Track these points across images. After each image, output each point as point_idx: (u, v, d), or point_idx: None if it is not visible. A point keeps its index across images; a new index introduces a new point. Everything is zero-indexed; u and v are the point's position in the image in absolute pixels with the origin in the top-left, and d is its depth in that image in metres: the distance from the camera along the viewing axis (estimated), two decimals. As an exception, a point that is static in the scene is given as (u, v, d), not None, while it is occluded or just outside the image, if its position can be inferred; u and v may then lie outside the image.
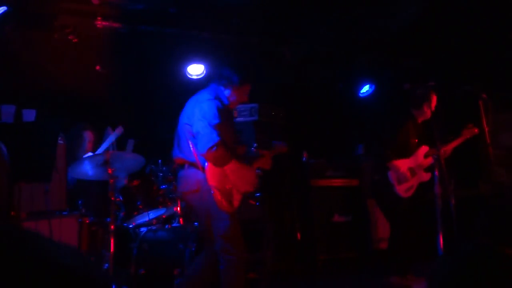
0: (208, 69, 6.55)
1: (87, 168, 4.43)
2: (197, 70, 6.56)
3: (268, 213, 5.97)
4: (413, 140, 5.38)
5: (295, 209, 6.69)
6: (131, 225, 4.98)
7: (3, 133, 3.66)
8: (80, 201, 4.65)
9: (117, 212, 4.86)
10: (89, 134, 5.38)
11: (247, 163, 4.14)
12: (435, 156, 4.97)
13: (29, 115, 4.12)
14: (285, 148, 4.45)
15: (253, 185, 4.13)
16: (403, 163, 5.30)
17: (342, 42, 6.93)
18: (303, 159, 6.93)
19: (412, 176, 5.32)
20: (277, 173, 4.30)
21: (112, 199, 4.33)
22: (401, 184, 5.27)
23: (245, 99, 4.21)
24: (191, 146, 3.88)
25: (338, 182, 6.97)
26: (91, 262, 1.12)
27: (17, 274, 0.97)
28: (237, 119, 5.57)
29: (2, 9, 5.04)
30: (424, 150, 5.39)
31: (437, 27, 6.27)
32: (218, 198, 3.80)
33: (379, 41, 6.73)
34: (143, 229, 4.84)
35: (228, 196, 3.88)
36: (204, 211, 3.97)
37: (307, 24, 6.49)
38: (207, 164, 3.82)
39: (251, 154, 4.25)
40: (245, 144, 4.37)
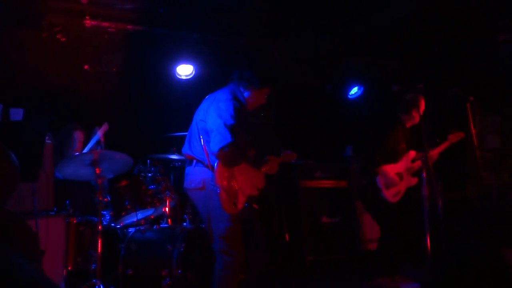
0: (197, 69, 6.54)
1: (75, 168, 4.41)
2: (186, 71, 6.54)
3: (257, 214, 5.97)
4: (401, 145, 5.41)
5: (283, 210, 6.71)
6: (119, 226, 4.95)
7: (-10, 132, 3.63)
8: (67, 201, 4.62)
9: (105, 212, 4.84)
10: (79, 134, 5.36)
11: (255, 166, 4.16)
12: (423, 158, 5.00)
13: (17, 114, 4.08)
14: (293, 157, 4.45)
15: (258, 189, 4.15)
16: (391, 168, 5.32)
17: (331, 44, 6.94)
18: (292, 160, 6.94)
19: (400, 181, 5.34)
20: (265, 175, 4.30)
21: (100, 199, 4.32)
22: (389, 189, 5.29)
23: (263, 101, 4.21)
24: (202, 143, 3.88)
25: (327, 184, 6.99)
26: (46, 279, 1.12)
27: None
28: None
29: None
30: (411, 155, 5.42)
31: (425, 29, 6.31)
32: (224, 198, 3.80)
33: (367, 43, 6.76)
34: (131, 230, 4.81)
35: (234, 197, 3.89)
36: (206, 210, 3.97)
37: (296, 26, 6.50)
38: (217, 163, 3.81)
39: (259, 158, 4.25)
40: (255, 147, 4.35)
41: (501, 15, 6.10)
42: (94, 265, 4.26)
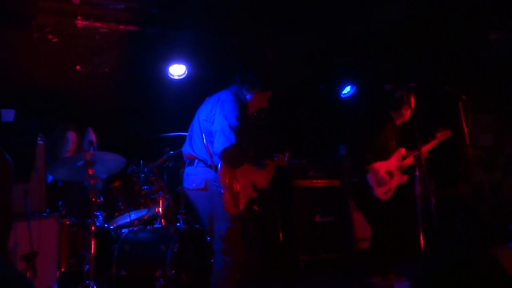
0: (189, 69, 6.53)
1: (68, 169, 4.39)
2: (178, 71, 6.53)
3: (251, 213, 5.97)
4: (391, 143, 5.44)
5: (277, 210, 6.70)
6: (112, 226, 4.94)
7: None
8: (60, 202, 4.60)
9: (98, 213, 4.82)
10: (72, 134, 5.34)
11: (259, 167, 4.17)
12: (416, 157, 5.02)
13: (8, 115, 4.06)
14: (285, 161, 4.46)
15: (257, 190, 4.15)
16: (382, 165, 5.34)
17: (323, 43, 6.95)
18: (285, 159, 6.93)
19: (390, 179, 5.37)
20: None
21: (93, 200, 4.30)
22: (379, 187, 5.31)
23: (264, 104, 4.21)
24: (205, 143, 3.88)
25: (320, 183, 6.99)
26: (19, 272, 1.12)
27: None
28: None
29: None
30: (402, 152, 5.45)
31: (417, 28, 6.33)
32: (227, 199, 3.80)
33: (360, 42, 6.77)
34: (125, 230, 4.80)
35: (236, 198, 3.88)
36: (207, 210, 3.96)
37: (289, 25, 6.50)
38: (220, 164, 3.81)
39: (257, 162, 4.26)
40: (255, 149, 4.35)
41: (492, 14, 6.13)
42: (88, 266, 4.24)
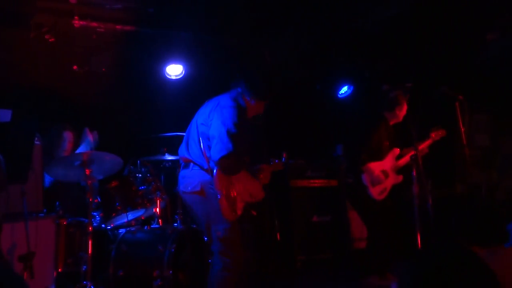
0: (186, 69, 6.53)
1: (65, 169, 4.38)
2: (175, 71, 6.52)
3: (247, 213, 5.97)
4: (385, 143, 5.46)
5: (274, 210, 6.70)
6: (109, 227, 4.93)
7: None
8: (57, 203, 4.59)
9: (95, 214, 4.82)
10: (69, 134, 5.33)
11: (253, 175, 4.16)
12: (413, 156, 5.04)
13: (5, 115, 4.04)
14: (281, 166, 4.45)
15: (255, 196, 4.14)
16: (377, 165, 5.37)
17: (320, 43, 6.96)
18: (283, 159, 6.93)
19: (385, 178, 5.38)
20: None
21: (90, 200, 4.30)
22: (374, 187, 5.33)
23: (261, 111, 4.20)
24: (202, 147, 3.88)
25: (317, 183, 6.99)
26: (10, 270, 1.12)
27: None
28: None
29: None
30: (396, 152, 5.47)
31: (414, 28, 6.33)
32: (224, 205, 3.80)
33: (357, 42, 6.78)
34: (122, 231, 4.79)
35: (233, 204, 3.88)
36: (205, 213, 3.96)
37: (286, 25, 6.50)
38: (216, 169, 3.80)
39: (253, 167, 4.25)
40: (250, 155, 4.34)
41: (489, 14, 6.14)
42: (85, 266, 4.24)
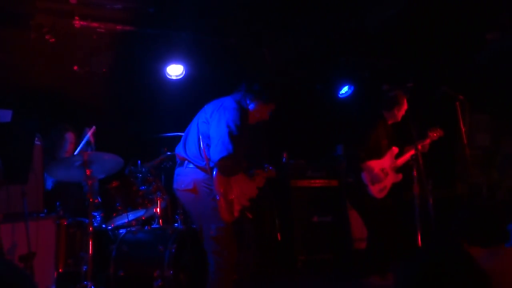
0: (187, 69, 6.52)
1: (65, 169, 4.38)
2: (176, 71, 6.52)
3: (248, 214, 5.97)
4: (383, 142, 5.47)
5: (275, 210, 6.70)
6: (110, 227, 4.93)
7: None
8: (58, 203, 4.59)
9: (95, 214, 4.82)
10: (70, 135, 5.33)
11: (249, 177, 4.17)
12: (414, 156, 5.04)
13: (5, 115, 4.04)
14: (274, 174, 4.45)
15: (251, 199, 4.15)
16: (376, 164, 5.37)
17: (321, 43, 6.95)
18: (283, 159, 6.95)
19: (385, 177, 5.39)
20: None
21: (91, 200, 4.29)
22: (374, 185, 5.33)
23: (266, 117, 4.19)
24: (201, 146, 3.89)
25: (318, 183, 6.99)
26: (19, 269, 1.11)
27: None
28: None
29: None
30: (394, 152, 5.48)
31: (415, 28, 6.33)
32: (222, 206, 3.81)
33: (357, 42, 6.78)
34: (122, 231, 4.79)
35: (230, 205, 3.89)
36: (197, 211, 3.97)
37: (286, 25, 6.50)
38: (216, 171, 3.81)
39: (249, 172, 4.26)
40: (248, 159, 4.34)
41: (489, 14, 6.14)
42: (85, 266, 4.23)
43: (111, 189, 4.90)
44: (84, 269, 4.27)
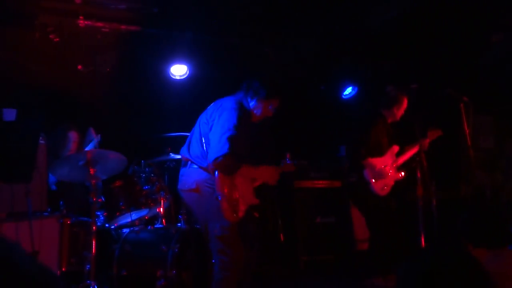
0: (191, 69, 6.53)
1: (69, 169, 4.39)
2: (180, 71, 6.52)
3: (251, 214, 5.97)
4: (384, 140, 5.49)
5: (278, 210, 6.70)
6: (113, 226, 4.94)
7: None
8: (61, 202, 4.60)
9: (99, 213, 4.82)
10: (74, 134, 5.34)
11: (255, 175, 4.16)
12: (417, 158, 5.04)
13: (10, 114, 4.05)
14: (293, 167, 4.45)
15: (256, 197, 4.15)
16: (377, 161, 5.39)
17: (325, 44, 6.95)
18: (286, 160, 6.92)
19: (387, 174, 5.40)
20: (264, 183, 4.33)
21: (94, 199, 4.30)
22: (377, 182, 5.33)
23: (269, 113, 4.18)
24: (204, 146, 3.90)
25: (321, 184, 6.99)
26: (47, 268, 1.12)
27: None
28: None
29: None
30: (395, 150, 5.50)
31: (419, 30, 6.33)
32: (225, 207, 3.81)
33: (362, 43, 6.77)
34: (126, 230, 4.80)
35: (234, 206, 3.89)
36: (201, 211, 3.97)
37: (290, 26, 6.50)
38: (217, 171, 3.82)
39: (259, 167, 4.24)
40: (256, 156, 4.33)
41: (494, 15, 6.13)
42: (88, 266, 4.24)
43: (114, 188, 4.91)
44: (87, 268, 4.27)
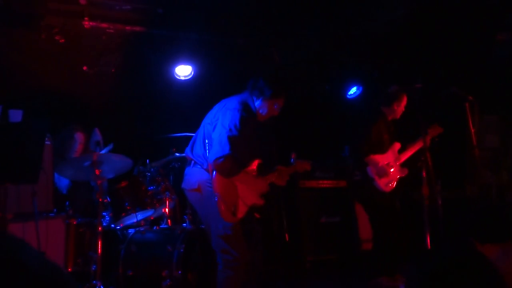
0: (196, 70, 6.53)
1: (75, 169, 4.41)
2: (185, 71, 6.53)
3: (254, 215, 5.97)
4: (385, 136, 5.50)
5: (283, 210, 6.70)
6: (119, 227, 4.95)
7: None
8: (67, 202, 4.61)
9: (104, 214, 4.83)
10: (80, 135, 5.35)
11: (260, 176, 4.14)
12: (423, 158, 5.03)
13: (16, 115, 4.07)
14: (308, 166, 4.43)
15: (262, 198, 4.15)
16: (380, 158, 5.40)
17: (329, 44, 6.95)
18: (291, 160, 6.92)
19: (390, 170, 5.41)
20: (271, 183, 4.32)
21: (100, 200, 4.31)
22: (381, 178, 5.34)
23: (274, 112, 4.18)
24: (207, 147, 3.91)
25: (326, 183, 6.98)
26: (57, 267, 1.12)
27: None
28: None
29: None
30: (396, 147, 5.51)
31: (423, 29, 6.32)
32: (222, 207, 3.81)
33: (366, 43, 6.77)
34: (131, 231, 4.81)
35: (232, 207, 3.88)
36: (204, 210, 3.99)
37: (295, 26, 6.50)
38: (215, 172, 3.82)
39: (266, 167, 4.24)
40: (263, 157, 4.32)
41: (499, 14, 6.11)
42: (94, 266, 4.25)
43: (120, 189, 4.92)
44: (93, 268, 4.29)
